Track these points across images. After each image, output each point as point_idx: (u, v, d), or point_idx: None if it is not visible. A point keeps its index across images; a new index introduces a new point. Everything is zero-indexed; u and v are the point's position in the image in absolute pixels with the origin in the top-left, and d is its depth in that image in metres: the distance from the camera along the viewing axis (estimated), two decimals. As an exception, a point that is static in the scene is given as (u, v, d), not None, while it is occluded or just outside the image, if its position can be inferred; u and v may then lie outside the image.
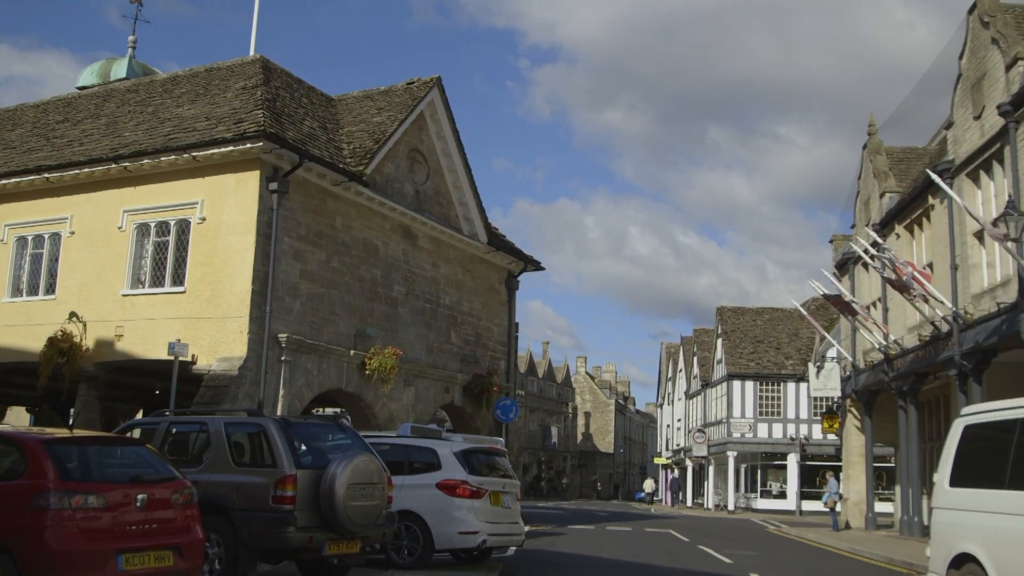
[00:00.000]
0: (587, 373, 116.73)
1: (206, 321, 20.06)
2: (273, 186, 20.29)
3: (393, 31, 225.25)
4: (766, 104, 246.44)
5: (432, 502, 14.95)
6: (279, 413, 19.53)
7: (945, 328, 23.83)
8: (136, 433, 13.27)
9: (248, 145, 19.95)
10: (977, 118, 22.46)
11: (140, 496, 9.17)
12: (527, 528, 19.14)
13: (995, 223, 19.18)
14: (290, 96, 24.06)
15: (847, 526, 32.68)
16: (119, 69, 35.19)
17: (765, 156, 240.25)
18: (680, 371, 76.11)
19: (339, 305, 22.62)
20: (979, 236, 22.79)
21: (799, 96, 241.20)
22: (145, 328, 20.74)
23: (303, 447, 12.08)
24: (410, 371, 24.78)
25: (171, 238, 21.18)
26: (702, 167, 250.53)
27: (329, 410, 27.67)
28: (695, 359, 67.30)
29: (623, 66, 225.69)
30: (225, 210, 20.49)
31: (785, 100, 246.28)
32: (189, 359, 19.67)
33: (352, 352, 22.54)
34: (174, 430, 13.15)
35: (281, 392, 20.42)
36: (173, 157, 20.91)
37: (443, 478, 15.18)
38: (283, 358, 20.45)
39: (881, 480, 42.78)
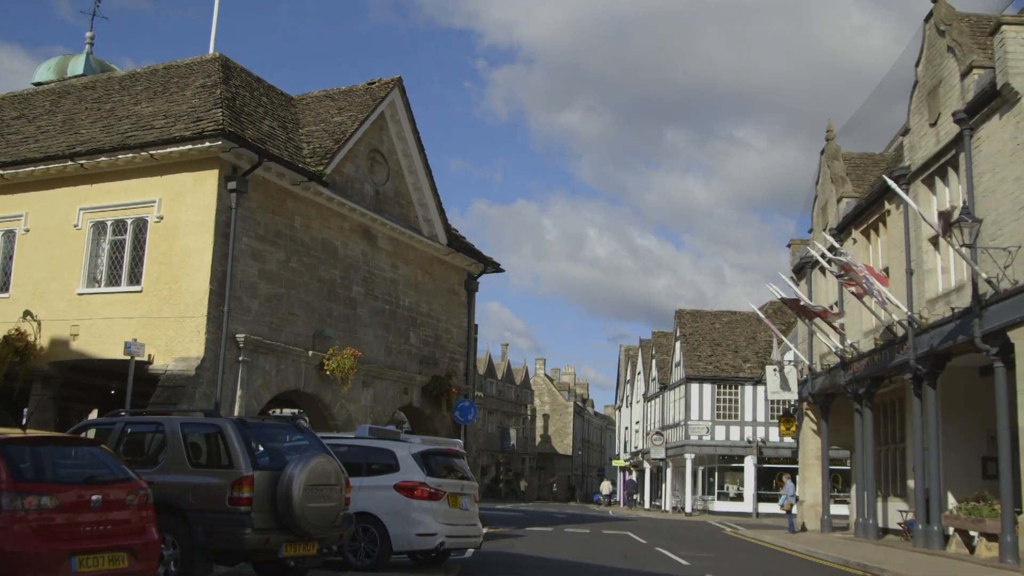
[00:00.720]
0: (546, 375, 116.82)
1: (163, 321, 19.90)
2: (232, 185, 20.15)
3: (350, 31, 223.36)
4: (723, 107, 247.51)
5: (390, 504, 14.92)
6: (236, 414, 19.42)
7: (900, 332, 24.12)
8: (91, 433, 13.15)
9: (207, 144, 19.81)
10: (933, 125, 22.75)
11: (94, 497, 9.07)
12: (485, 530, 19.12)
13: (949, 229, 19.42)
14: (249, 95, 23.92)
15: (803, 528, 32.97)
16: (76, 65, 34.81)
17: (722, 159, 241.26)
18: (639, 374, 76.43)
19: (298, 305, 22.51)
20: (934, 242, 23.08)
21: (756, 100, 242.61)
22: (101, 327, 20.54)
23: (260, 448, 12.02)
24: (368, 372, 24.71)
25: (128, 237, 20.98)
26: (660, 169, 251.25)
27: (287, 411, 27.49)
28: (653, 362, 67.59)
29: (581, 67, 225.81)
30: (183, 209, 20.34)
31: (742, 103, 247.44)
32: (145, 359, 19.49)
33: (310, 353, 22.44)
34: (129, 430, 13.00)
35: (238, 392, 20.29)
36: (130, 155, 20.71)
37: (401, 480, 15.15)
38: (241, 358, 20.32)
39: (837, 483, 43.19)
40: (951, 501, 23.32)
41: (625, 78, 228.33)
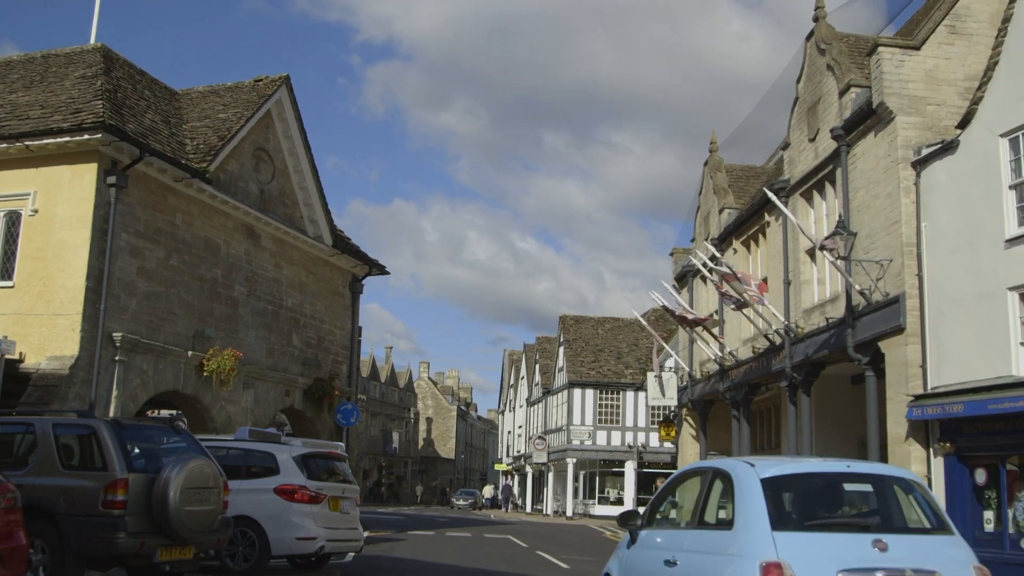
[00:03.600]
0: (430, 379, 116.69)
1: (36, 318, 19.26)
2: (111, 180, 19.64)
3: (220, 20, 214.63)
4: (603, 111, 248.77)
5: (269, 507, 14.73)
6: (111, 415, 18.91)
7: (777, 341, 24.71)
8: (-44, 434, 12.64)
9: (85, 136, 19.27)
10: (812, 140, 23.38)
11: (-42, 500, 8.74)
12: (366, 534, 18.98)
13: (826, 242, 19.99)
14: (132, 88, 23.34)
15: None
16: (-53, 51, 33.50)
17: (601, 164, 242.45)
18: (522, 378, 76.83)
19: (178, 304, 22.04)
20: (811, 253, 23.72)
21: (636, 105, 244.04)
22: (-32, 324, 19.79)
23: (136, 450, 11.74)
24: (250, 373, 24.32)
25: (-1, 230, 20.29)
26: (539, 173, 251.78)
27: (165, 412, 26.89)
28: (537, 367, 68.01)
29: (461, 66, 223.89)
30: (59, 203, 19.73)
31: (622, 108, 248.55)
32: (16, 357, 18.80)
33: (190, 353, 21.99)
34: (-2, 431, 12.57)
35: (114, 393, 19.76)
36: (4, 145, 20.00)
37: (281, 483, 14.98)
38: (117, 358, 19.80)
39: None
40: (823, 505, 23.93)
41: (505, 78, 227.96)
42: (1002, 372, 16.22)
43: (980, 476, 17.14)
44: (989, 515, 16.98)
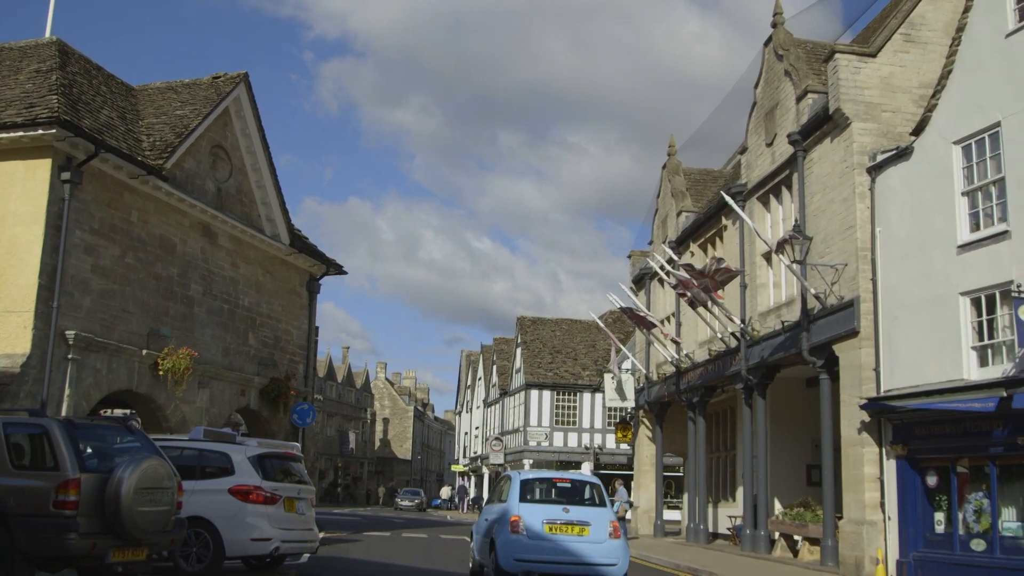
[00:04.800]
0: (387, 379, 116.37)
1: (-14, 315, 18.99)
2: (66, 176, 19.39)
3: (172, 12, 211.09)
4: (559, 111, 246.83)
5: (224, 508, 14.62)
6: (64, 414, 18.67)
7: (733, 344, 24.90)
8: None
9: (40, 131, 19.00)
10: (769, 145, 23.59)
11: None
12: (322, 535, 18.89)
13: (781, 245, 20.17)
14: (88, 83, 23.07)
15: (636, 533, 33.66)
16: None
17: (556, 165, 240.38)
18: (479, 379, 76.79)
19: (132, 303, 21.81)
20: (767, 257, 23.92)
21: (591, 105, 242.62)
22: (-83, 320, 19.46)
23: (88, 450, 11.58)
24: (205, 373, 24.13)
25: (-50, 226, 19.94)
26: (494, 172, 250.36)
27: (118, 412, 26.60)
28: (494, 368, 68.01)
29: (416, 63, 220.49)
30: (12, 198, 19.44)
31: (578, 108, 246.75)
32: (-35, 355, 18.58)
33: (144, 352, 21.77)
34: (-54, 430, 12.36)
35: (67, 392, 19.51)
36: (-44, 140, 19.71)
37: (236, 483, 14.88)
38: (70, 356, 19.55)
39: (670, 489, 44.23)
40: (777, 507, 24.19)
41: (461, 76, 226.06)
42: (953, 376, 16.45)
43: (931, 478, 17.37)
44: (940, 516, 17.21)
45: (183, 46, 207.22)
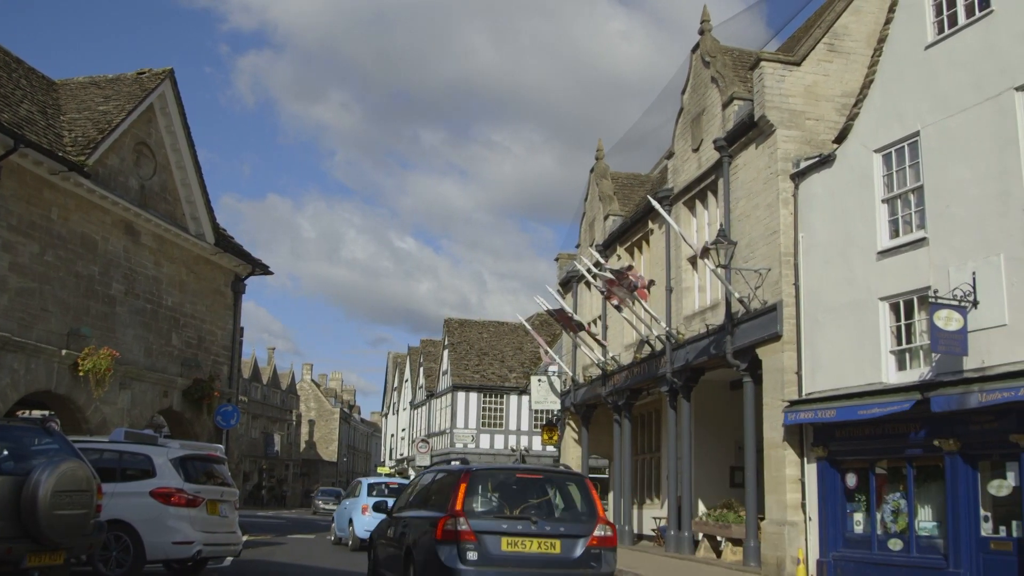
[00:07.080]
0: (313, 381, 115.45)
1: (-102, 313, 18.50)
2: (-17, 172, 18.98)
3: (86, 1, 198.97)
4: (482, 109, 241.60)
5: (145, 511, 14.41)
6: (-22, 415, 18.26)
7: (659, 347, 25.11)
8: None
9: (-44, 126, 18.60)
10: (696, 150, 23.84)
11: None
12: (245, 538, 18.70)
13: (706, 250, 20.39)
14: (7, 76, 22.59)
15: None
16: None
17: (479, 164, 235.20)
18: (406, 381, 76.52)
19: (52, 301, 21.38)
20: (692, 261, 24.17)
21: (515, 103, 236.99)
22: None
23: (4, 451, 11.32)
24: (127, 374, 23.74)
25: None
26: (416, 171, 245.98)
27: (37, 413, 26.05)
28: (421, 369, 67.84)
29: (336, 57, 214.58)
30: (-74, 194, 18.99)
31: (501, 107, 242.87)
32: None
33: (64, 352, 21.35)
34: None
35: (-18, 392, 19.10)
36: None
37: (157, 486, 14.67)
38: (-14, 356, 19.14)
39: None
40: (701, 508, 24.43)
41: (382, 71, 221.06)
42: (873, 379, 16.77)
43: (851, 479, 17.69)
44: (859, 517, 17.54)
45: (101, 38, 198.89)
